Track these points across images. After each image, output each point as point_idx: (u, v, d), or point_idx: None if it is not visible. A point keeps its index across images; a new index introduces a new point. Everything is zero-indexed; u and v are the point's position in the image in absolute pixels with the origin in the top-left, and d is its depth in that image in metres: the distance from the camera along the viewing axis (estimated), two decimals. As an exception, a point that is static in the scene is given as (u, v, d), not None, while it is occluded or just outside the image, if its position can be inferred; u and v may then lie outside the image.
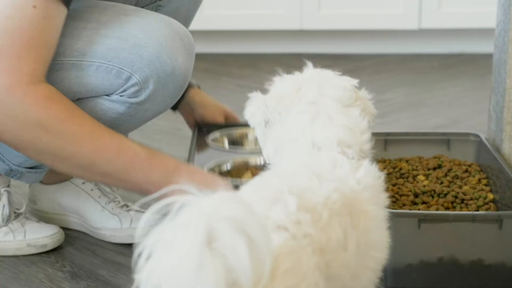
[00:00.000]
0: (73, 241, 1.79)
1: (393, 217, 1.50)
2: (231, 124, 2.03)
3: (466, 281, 1.57)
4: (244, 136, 1.97)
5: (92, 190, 1.83)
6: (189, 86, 1.98)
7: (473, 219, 1.53)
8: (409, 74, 3.29)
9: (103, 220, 1.79)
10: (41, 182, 1.86)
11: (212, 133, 1.98)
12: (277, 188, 1.05)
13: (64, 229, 1.82)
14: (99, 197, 1.82)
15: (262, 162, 1.70)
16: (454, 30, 3.45)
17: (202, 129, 2.02)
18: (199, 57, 1.66)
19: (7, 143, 1.47)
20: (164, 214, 0.93)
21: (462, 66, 3.35)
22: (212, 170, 1.75)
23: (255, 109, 1.31)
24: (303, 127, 1.24)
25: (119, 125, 1.60)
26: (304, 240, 1.00)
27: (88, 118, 1.46)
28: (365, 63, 3.43)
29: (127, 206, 1.81)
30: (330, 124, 1.22)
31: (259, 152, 1.74)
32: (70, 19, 1.50)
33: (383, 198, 1.20)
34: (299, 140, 1.23)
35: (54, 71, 1.52)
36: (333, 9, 3.44)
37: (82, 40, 1.54)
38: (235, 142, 1.97)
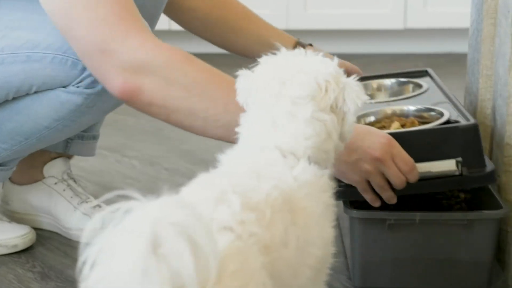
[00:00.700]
0: (45, 242, 1.79)
1: (361, 218, 1.53)
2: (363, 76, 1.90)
3: (435, 280, 1.57)
4: (380, 87, 1.88)
5: (64, 190, 1.83)
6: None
7: (439, 221, 1.52)
8: (394, 73, 3.28)
9: (75, 220, 1.79)
10: (14, 182, 1.86)
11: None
12: (221, 188, 1.05)
13: (37, 229, 1.82)
14: (71, 197, 1.82)
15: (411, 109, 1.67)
16: (440, 30, 3.45)
17: None
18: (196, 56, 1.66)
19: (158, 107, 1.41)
20: (109, 221, 0.93)
21: (448, 66, 3.35)
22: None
23: (241, 86, 1.27)
24: (251, 127, 1.24)
25: (79, 117, 1.60)
26: (250, 239, 1.00)
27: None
28: (351, 62, 3.42)
29: (100, 207, 1.81)
30: (273, 130, 1.21)
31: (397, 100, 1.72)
32: (26, 12, 1.50)
33: (326, 196, 1.20)
34: (246, 140, 1.23)
35: (9, 64, 1.52)
36: (319, 9, 3.44)
37: (36, 32, 1.54)
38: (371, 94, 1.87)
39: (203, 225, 0.92)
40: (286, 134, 1.21)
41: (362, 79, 1.87)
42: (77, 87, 1.56)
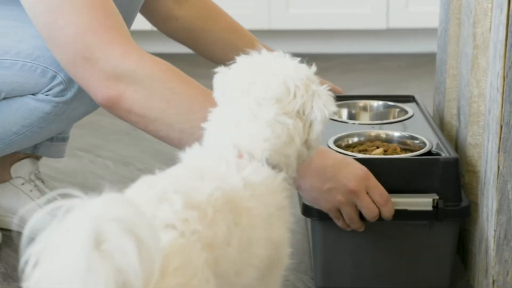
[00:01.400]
0: (11, 243, 1.79)
1: (322, 219, 1.53)
2: (343, 96, 1.92)
3: (397, 280, 1.58)
4: (367, 107, 1.88)
5: (31, 191, 1.84)
6: None
7: (400, 222, 1.53)
8: (376, 73, 3.29)
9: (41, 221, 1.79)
10: None
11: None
12: (162, 188, 1.06)
13: (5, 230, 1.82)
14: (38, 198, 1.82)
15: (395, 135, 1.68)
16: (422, 30, 3.45)
17: None
18: (170, 57, 1.67)
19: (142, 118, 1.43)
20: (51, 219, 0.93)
21: (429, 65, 3.34)
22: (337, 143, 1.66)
23: (216, 82, 1.28)
24: (215, 124, 1.24)
25: (48, 124, 1.60)
26: (192, 237, 1.01)
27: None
28: (333, 62, 3.44)
29: (66, 207, 1.81)
30: (235, 128, 1.22)
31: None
32: None
33: (279, 198, 1.20)
34: (209, 137, 1.24)
35: None
36: (301, 8, 3.44)
37: (7, 38, 1.55)
38: (354, 115, 1.87)
39: (146, 221, 0.93)
40: (246, 133, 1.21)
41: (350, 98, 1.88)
42: (46, 95, 1.57)
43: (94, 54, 1.39)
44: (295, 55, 3.56)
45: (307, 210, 1.54)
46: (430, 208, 1.51)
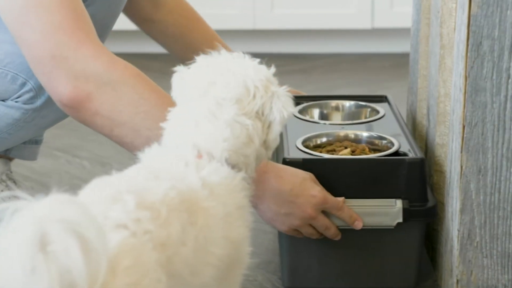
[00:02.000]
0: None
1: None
2: (317, 96, 1.93)
3: (363, 280, 1.58)
4: (339, 107, 1.87)
5: (2, 191, 1.83)
6: None
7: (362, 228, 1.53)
8: (360, 73, 3.29)
9: None
10: None
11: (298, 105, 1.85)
12: (115, 188, 1.06)
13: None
14: (9, 198, 1.82)
15: (364, 135, 1.68)
16: (407, 30, 3.44)
17: None
18: (153, 57, 1.67)
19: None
20: None
21: (413, 65, 3.36)
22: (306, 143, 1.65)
23: (175, 80, 1.29)
24: (175, 124, 1.25)
25: (16, 131, 1.60)
26: (144, 236, 1.02)
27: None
28: (318, 62, 3.44)
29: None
30: (194, 128, 1.23)
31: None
32: None
33: (238, 198, 1.21)
34: (168, 136, 1.25)
35: None
36: (286, 8, 3.44)
37: None
38: (325, 115, 1.87)
39: (92, 222, 0.93)
40: (205, 134, 1.22)
41: (322, 98, 1.88)
42: (16, 101, 1.57)
43: (63, 53, 1.38)
44: (280, 55, 3.61)
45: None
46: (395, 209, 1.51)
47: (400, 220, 1.50)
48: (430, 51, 1.72)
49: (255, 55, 3.64)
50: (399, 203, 1.50)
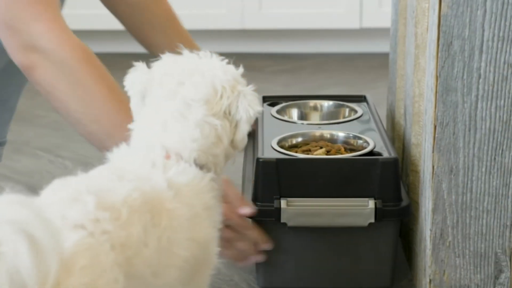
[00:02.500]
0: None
1: (263, 220, 1.53)
2: (296, 96, 1.92)
3: (338, 279, 1.58)
4: (317, 107, 1.88)
5: None
6: None
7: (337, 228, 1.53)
8: (348, 73, 3.29)
9: None
10: None
11: (277, 105, 1.86)
12: (76, 189, 1.07)
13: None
14: None
15: (340, 135, 1.68)
16: (395, 29, 3.45)
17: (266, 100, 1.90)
18: (136, 57, 1.67)
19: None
20: None
21: (401, 65, 3.36)
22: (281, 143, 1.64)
23: (136, 78, 1.28)
24: (142, 124, 1.26)
25: None
26: (102, 237, 1.02)
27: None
28: (306, 62, 3.44)
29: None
30: (163, 129, 1.23)
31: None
32: None
33: (206, 198, 1.22)
34: (136, 136, 1.25)
35: None
36: (274, 8, 3.44)
37: None
38: (304, 115, 1.87)
39: (43, 221, 0.93)
40: (174, 134, 1.23)
41: (301, 98, 1.89)
42: None
43: (16, 25, 1.42)
44: (269, 55, 3.59)
45: (247, 210, 1.54)
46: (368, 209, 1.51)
47: (373, 220, 1.50)
48: (406, 51, 1.72)
49: (243, 54, 3.67)
50: (371, 203, 1.50)
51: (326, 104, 1.86)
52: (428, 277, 1.47)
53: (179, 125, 1.23)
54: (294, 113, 1.85)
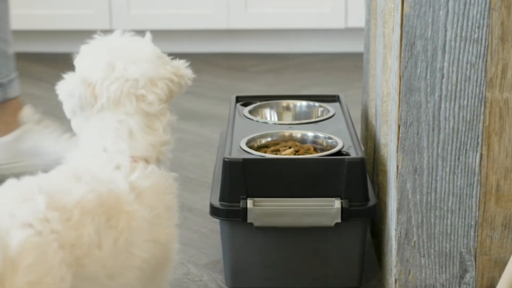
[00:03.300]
0: None
1: (229, 221, 1.53)
2: (270, 96, 1.92)
3: (307, 280, 1.58)
4: (289, 107, 1.88)
5: None
6: None
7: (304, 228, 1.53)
8: (332, 73, 3.29)
9: None
10: None
11: (250, 105, 1.86)
12: (28, 188, 1.08)
13: None
14: None
15: (309, 135, 1.69)
16: (380, 29, 3.45)
17: (239, 100, 1.91)
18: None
19: None
20: None
21: (387, 64, 3.35)
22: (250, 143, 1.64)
23: (75, 86, 1.24)
24: (99, 129, 1.25)
25: None
26: (50, 236, 1.03)
27: None
28: (292, 62, 3.44)
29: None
30: (127, 138, 1.24)
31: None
32: None
33: (168, 199, 1.23)
34: (94, 145, 1.24)
35: None
36: (260, 8, 3.44)
37: None
38: (276, 114, 1.87)
39: None
40: (141, 143, 1.24)
41: (274, 98, 1.89)
42: None
43: None
44: (255, 54, 3.58)
45: (214, 210, 1.54)
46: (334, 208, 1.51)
47: (339, 220, 1.50)
48: (376, 51, 1.72)
49: (229, 54, 3.64)
50: (337, 203, 1.50)
51: (299, 104, 1.86)
52: (393, 277, 1.47)
53: (146, 135, 1.24)
54: (267, 113, 1.85)
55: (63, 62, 3.74)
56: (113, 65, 1.23)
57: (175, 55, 1.83)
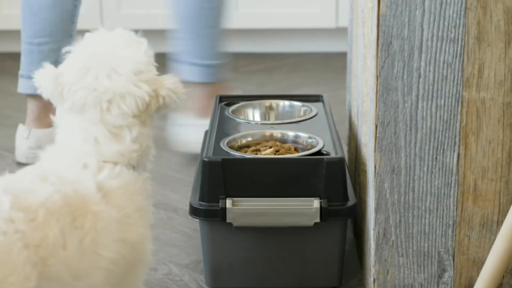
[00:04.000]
0: None
1: (208, 221, 1.53)
2: (254, 96, 1.93)
3: (287, 279, 1.58)
4: (272, 106, 1.88)
5: None
6: None
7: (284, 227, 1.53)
8: (323, 72, 3.29)
9: None
10: None
11: (233, 105, 1.87)
12: None
13: None
14: None
15: (290, 134, 1.69)
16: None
17: (222, 100, 1.92)
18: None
19: None
20: None
21: (377, 64, 3.35)
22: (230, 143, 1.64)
23: (44, 82, 1.24)
24: (72, 129, 1.25)
25: None
26: (14, 236, 1.04)
27: None
28: (283, 62, 3.44)
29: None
30: (94, 145, 1.23)
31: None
32: None
33: (139, 200, 1.23)
34: (64, 143, 1.25)
35: None
36: (251, 8, 3.44)
37: None
38: (259, 114, 1.88)
39: None
40: (107, 150, 1.23)
41: (257, 97, 1.89)
42: None
43: None
44: (245, 54, 3.60)
45: (193, 210, 1.54)
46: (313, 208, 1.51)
47: (318, 219, 1.50)
48: (358, 50, 1.72)
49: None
50: (316, 203, 1.50)
51: (282, 104, 1.86)
52: (372, 277, 1.47)
53: (114, 143, 1.23)
54: (250, 113, 1.85)
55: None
56: (87, 71, 1.23)
57: (166, 55, 1.84)
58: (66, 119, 1.25)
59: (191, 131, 2.23)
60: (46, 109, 2.16)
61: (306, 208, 1.50)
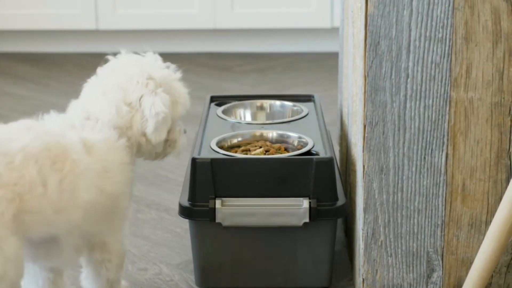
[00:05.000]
0: None
1: (198, 221, 1.54)
2: (245, 96, 1.93)
3: (276, 280, 1.58)
4: (263, 107, 1.89)
5: None
6: None
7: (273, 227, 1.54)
8: (318, 72, 3.29)
9: None
10: None
11: (224, 105, 1.87)
12: None
13: None
14: None
15: (280, 134, 1.70)
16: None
17: (213, 100, 1.92)
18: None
19: None
20: None
21: (372, 64, 3.35)
22: (220, 143, 1.65)
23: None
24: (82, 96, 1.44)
25: None
26: None
27: None
28: (277, 61, 3.44)
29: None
30: (89, 101, 1.42)
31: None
32: None
33: (119, 155, 1.37)
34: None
35: None
36: (246, 8, 3.44)
37: None
38: (250, 114, 1.88)
39: None
40: (97, 104, 1.41)
41: (249, 97, 1.89)
42: None
43: None
44: (241, 54, 3.60)
45: (183, 210, 1.54)
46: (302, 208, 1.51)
47: (307, 219, 1.51)
48: (348, 50, 1.72)
49: (215, 54, 3.64)
50: (305, 203, 1.50)
51: (273, 104, 1.87)
52: (361, 277, 1.48)
53: (103, 99, 1.40)
54: (240, 113, 1.85)
55: (49, 62, 3.78)
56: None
57: (161, 55, 1.84)
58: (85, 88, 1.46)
59: None
60: None
61: (296, 208, 1.51)
